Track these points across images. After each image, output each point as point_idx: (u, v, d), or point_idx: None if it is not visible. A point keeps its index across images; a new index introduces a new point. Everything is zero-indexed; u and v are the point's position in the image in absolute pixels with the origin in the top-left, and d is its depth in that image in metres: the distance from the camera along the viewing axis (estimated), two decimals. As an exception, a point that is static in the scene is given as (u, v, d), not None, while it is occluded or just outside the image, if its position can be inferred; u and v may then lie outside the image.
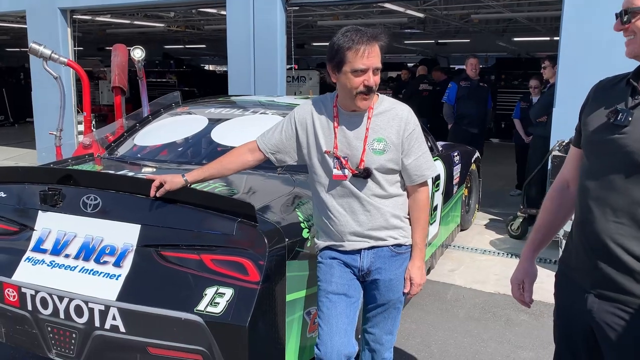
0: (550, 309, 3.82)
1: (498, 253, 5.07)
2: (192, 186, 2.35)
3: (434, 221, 4.32)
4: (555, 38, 13.72)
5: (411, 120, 2.16)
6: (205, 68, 24.72)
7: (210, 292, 2.18)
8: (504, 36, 15.21)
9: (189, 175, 2.30)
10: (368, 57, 1.98)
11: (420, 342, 3.37)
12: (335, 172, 2.13)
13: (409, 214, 2.24)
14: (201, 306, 2.16)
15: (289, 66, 8.06)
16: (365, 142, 2.10)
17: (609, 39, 5.05)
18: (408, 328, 3.51)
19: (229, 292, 2.17)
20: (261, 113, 3.50)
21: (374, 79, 2.02)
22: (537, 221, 1.89)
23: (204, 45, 19.45)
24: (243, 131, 3.34)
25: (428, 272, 4.35)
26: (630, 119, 1.50)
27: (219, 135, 3.30)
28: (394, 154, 2.12)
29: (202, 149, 3.41)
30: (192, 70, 18.56)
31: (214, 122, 3.48)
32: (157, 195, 2.28)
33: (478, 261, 4.85)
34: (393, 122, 2.12)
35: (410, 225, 2.24)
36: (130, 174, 2.90)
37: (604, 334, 1.58)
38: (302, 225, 2.44)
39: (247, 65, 6.83)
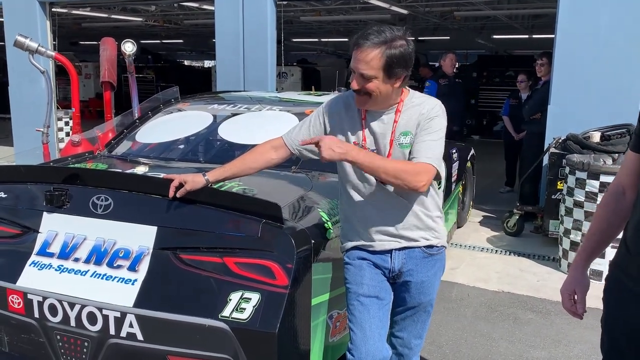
0: (557, 307, 3.84)
1: (496, 251, 5.07)
2: (211, 185, 2.24)
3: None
4: (535, 36, 13.94)
5: (437, 110, 2.04)
6: (183, 63, 24.32)
7: (235, 297, 2.08)
8: (483, 33, 15.33)
9: (210, 174, 2.19)
10: (355, 61, 1.94)
11: (431, 343, 3.32)
12: None
13: (441, 212, 2.18)
14: (226, 312, 2.06)
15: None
16: (393, 137, 2.03)
17: (604, 36, 5.10)
18: (417, 328, 3.45)
19: (255, 297, 2.06)
20: (268, 109, 3.40)
21: (358, 82, 1.94)
22: (590, 229, 1.80)
23: (181, 40, 19.13)
24: (252, 128, 3.24)
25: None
26: None
27: (227, 132, 3.18)
28: None
29: (211, 146, 3.29)
30: (170, 66, 18.25)
31: (219, 118, 3.35)
32: (177, 195, 2.16)
33: (478, 259, 4.83)
34: (419, 113, 2.03)
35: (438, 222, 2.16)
36: (139, 172, 2.77)
37: None
38: (325, 225, 2.35)
39: (237, 60, 6.69)
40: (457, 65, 7.04)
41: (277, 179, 2.73)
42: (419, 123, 2.02)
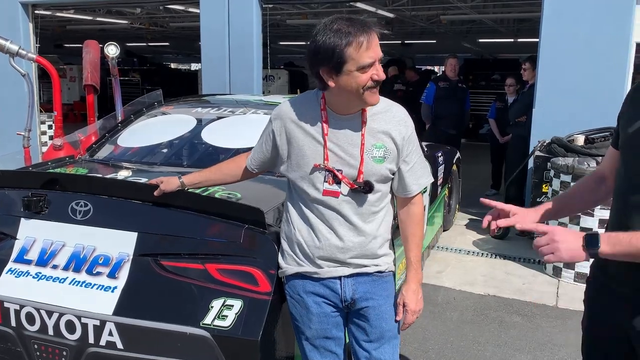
0: (542, 310, 3.86)
1: (482, 254, 5.07)
2: (193, 190, 2.21)
3: (423, 223, 4.27)
4: (520, 40, 14.06)
5: (409, 122, 1.90)
6: (169, 66, 24.19)
7: (217, 304, 2.04)
8: (469, 37, 15.44)
9: (185, 177, 2.14)
10: (373, 48, 1.69)
11: (417, 348, 3.31)
12: (327, 187, 1.84)
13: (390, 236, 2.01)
14: (208, 319, 2.02)
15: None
16: (363, 150, 1.82)
17: (587, 40, 5.14)
18: (403, 333, 3.40)
19: (237, 304, 2.03)
20: (252, 113, 3.36)
21: (382, 70, 1.76)
22: (564, 193, 1.85)
23: (167, 43, 19.01)
24: (235, 132, 3.21)
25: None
26: None
27: (210, 136, 3.15)
28: (393, 160, 1.87)
29: (193, 150, 3.25)
30: (156, 69, 18.12)
31: (202, 122, 3.32)
32: (155, 194, 2.12)
33: (463, 262, 4.84)
34: (392, 124, 1.85)
35: (403, 241, 2.03)
36: (120, 177, 2.72)
37: None
38: (309, 230, 2.32)
39: (222, 63, 6.66)
40: (457, 70, 7.04)
41: (261, 184, 2.70)
42: (400, 137, 1.85)
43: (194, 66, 25.48)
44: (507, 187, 5.79)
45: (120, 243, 2.20)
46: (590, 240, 1.42)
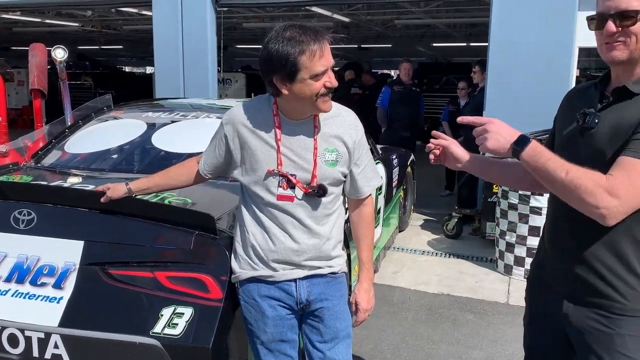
0: (493, 307, 3.96)
1: (437, 253, 5.17)
2: (141, 197, 2.17)
3: (377, 224, 4.33)
4: (472, 44, 14.44)
5: (359, 126, 1.96)
6: (123, 69, 23.66)
7: (167, 312, 2.01)
8: (423, 41, 15.74)
9: (132, 183, 2.10)
10: (325, 56, 1.72)
11: (373, 349, 3.34)
12: (281, 192, 1.85)
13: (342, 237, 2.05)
14: (157, 328, 1.99)
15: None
16: (316, 154, 1.85)
17: (535, 45, 5.33)
18: (360, 334, 3.46)
19: (188, 312, 2.00)
20: (205, 117, 3.33)
21: (334, 77, 1.80)
22: (496, 160, 1.84)
23: (121, 46, 18.60)
24: (187, 136, 3.17)
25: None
26: (597, 120, 1.53)
27: (160, 141, 3.10)
28: (345, 164, 1.91)
29: (143, 156, 3.19)
30: (109, 72, 17.70)
31: (153, 126, 3.26)
32: (102, 201, 2.07)
33: (419, 262, 4.92)
34: (343, 128, 1.90)
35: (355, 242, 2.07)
36: (66, 184, 2.65)
37: (580, 338, 1.59)
38: (261, 235, 2.31)
39: (176, 67, 6.57)
40: (411, 74, 7.17)
41: (214, 188, 2.68)
42: (352, 140, 1.90)
43: (150, 69, 25.02)
44: (460, 187, 5.93)
45: (66, 252, 2.14)
46: (522, 140, 1.46)
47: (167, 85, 6.60)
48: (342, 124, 1.92)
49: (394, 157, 5.24)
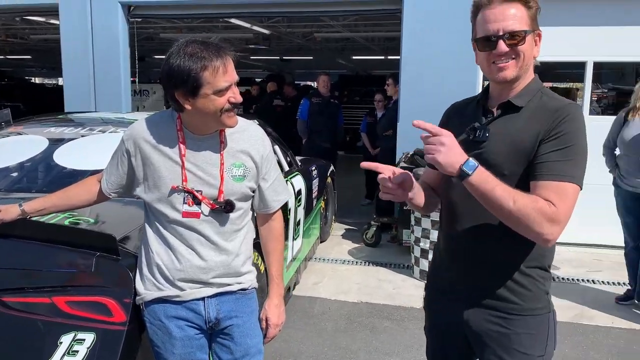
0: (410, 313, 4.07)
1: (357, 262, 5.26)
2: (38, 218, 2.05)
3: (298, 236, 4.34)
4: (390, 57, 14.90)
5: (267, 141, 1.96)
6: (31, 80, 22.36)
7: (66, 339, 1.90)
8: (344, 54, 16.07)
9: (27, 204, 1.98)
10: (229, 72, 1.72)
11: (292, 361, 3.34)
12: (187, 208, 1.81)
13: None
14: (56, 357, 1.87)
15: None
16: (222, 169, 1.83)
17: (443, 59, 5.58)
18: (279, 348, 3.45)
19: (89, 338, 1.90)
20: (112, 131, 3.21)
21: (239, 93, 1.80)
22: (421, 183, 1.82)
23: (29, 56, 17.58)
24: (92, 152, 3.03)
25: (294, 287, 4.35)
26: (487, 134, 1.61)
27: (64, 157, 2.94)
28: (253, 178, 1.91)
29: (45, 173, 3.01)
30: (16, 83, 16.66)
31: (56, 142, 3.10)
32: None
33: (339, 272, 4.98)
34: (250, 142, 1.89)
35: (264, 257, 2.07)
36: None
37: (480, 340, 1.66)
38: (169, 253, 2.25)
39: (86, 79, 6.30)
40: (329, 86, 7.27)
41: (116, 207, 2.56)
42: (259, 155, 1.90)
43: (62, 81, 23.84)
44: (377, 196, 6.05)
45: (-49, 281, 1.98)
46: (470, 165, 1.44)
47: (76, 98, 6.32)
48: (249, 138, 1.92)
49: (314, 168, 5.29)
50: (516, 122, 1.59)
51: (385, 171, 1.58)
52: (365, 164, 1.64)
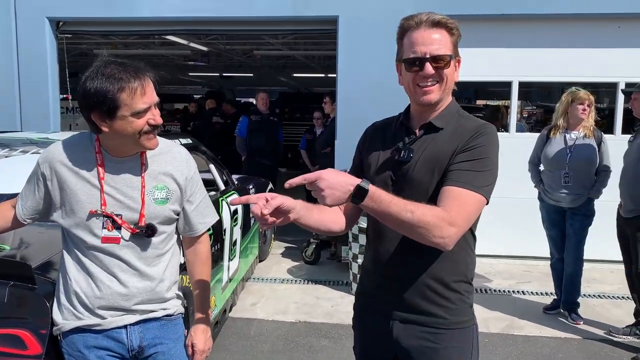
0: (347, 330, 4.04)
1: (296, 281, 5.24)
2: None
3: (234, 256, 4.28)
4: (330, 75, 15.12)
5: (192, 162, 1.93)
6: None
7: (-25, 376, 1.78)
8: (285, 72, 16.16)
9: None
10: (148, 94, 1.69)
11: (228, 386, 3.26)
12: (106, 233, 1.76)
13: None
14: (-37, 397, 1.75)
15: (62, 96, 7.36)
16: (144, 192, 1.79)
17: (378, 78, 5.70)
18: (214, 372, 3.37)
19: (1, 373, 1.80)
20: (33, 152, 3.06)
21: (159, 114, 1.77)
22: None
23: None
24: (10, 176, 2.88)
25: (230, 309, 4.27)
26: (411, 155, 1.66)
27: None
28: (177, 201, 1.86)
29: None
30: None
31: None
32: None
33: (278, 291, 4.93)
34: (173, 164, 1.86)
35: (190, 281, 2.02)
36: None
37: (409, 356, 1.68)
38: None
39: (11, 97, 6.03)
40: (268, 104, 7.26)
41: (33, 233, 2.43)
42: (183, 177, 1.86)
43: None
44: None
45: None
46: (360, 191, 1.43)
47: (0, 117, 6.00)
48: (172, 160, 1.88)
49: (251, 186, 5.26)
50: (438, 141, 1.64)
51: (258, 201, 1.46)
52: (236, 200, 1.56)
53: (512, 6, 5.60)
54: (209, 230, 2.02)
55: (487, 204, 1.59)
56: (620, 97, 5.70)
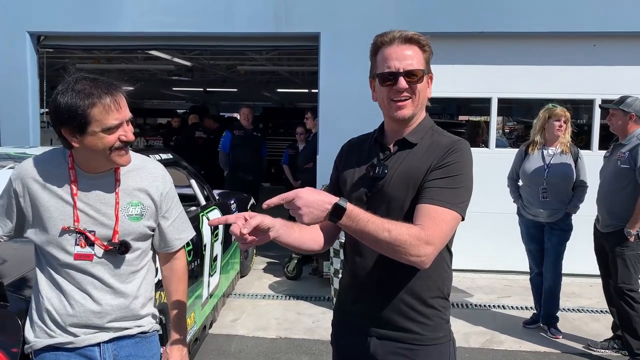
0: (328, 346, 4.01)
1: (277, 296, 5.21)
2: None
3: (215, 272, 4.25)
4: (313, 90, 15.20)
5: (167, 178, 1.93)
6: None
7: (-58, 397, 1.74)
8: (269, 87, 16.21)
9: None
10: (120, 110, 1.69)
11: (206, 404, 3.22)
12: (79, 250, 1.74)
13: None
14: None
15: (42, 111, 7.30)
16: (118, 208, 1.78)
17: (358, 93, 5.73)
18: (193, 390, 3.32)
19: (-31, 394, 1.75)
20: (9, 168, 3.02)
21: (131, 131, 1.77)
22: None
23: None
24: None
25: (211, 325, 4.23)
26: (386, 171, 1.67)
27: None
28: (151, 217, 1.86)
29: None
30: None
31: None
32: None
33: (259, 307, 4.90)
34: (148, 180, 1.86)
35: (166, 297, 2.01)
36: None
37: None
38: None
39: (-10, 110, 5.95)
40: (251, 119, 7.26)
41: (5, 250, 2.40)
42: (158, 193, 1.86)
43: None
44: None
45: None
46: (337, 209, 1.44)
47: (-22, 131, 5.94)
48: (147, 176, 1.88)
49: (233, 202, 5.24)
50: (412, 157, 1.66)
51: (237, 221, 1.45)
52: (215, 221, 1.54)
53: (491, 24, 5.71)
54: (188, 245, 2.01)
55: (463, 220, 1.61)
56: (597, 114, 5.82)
